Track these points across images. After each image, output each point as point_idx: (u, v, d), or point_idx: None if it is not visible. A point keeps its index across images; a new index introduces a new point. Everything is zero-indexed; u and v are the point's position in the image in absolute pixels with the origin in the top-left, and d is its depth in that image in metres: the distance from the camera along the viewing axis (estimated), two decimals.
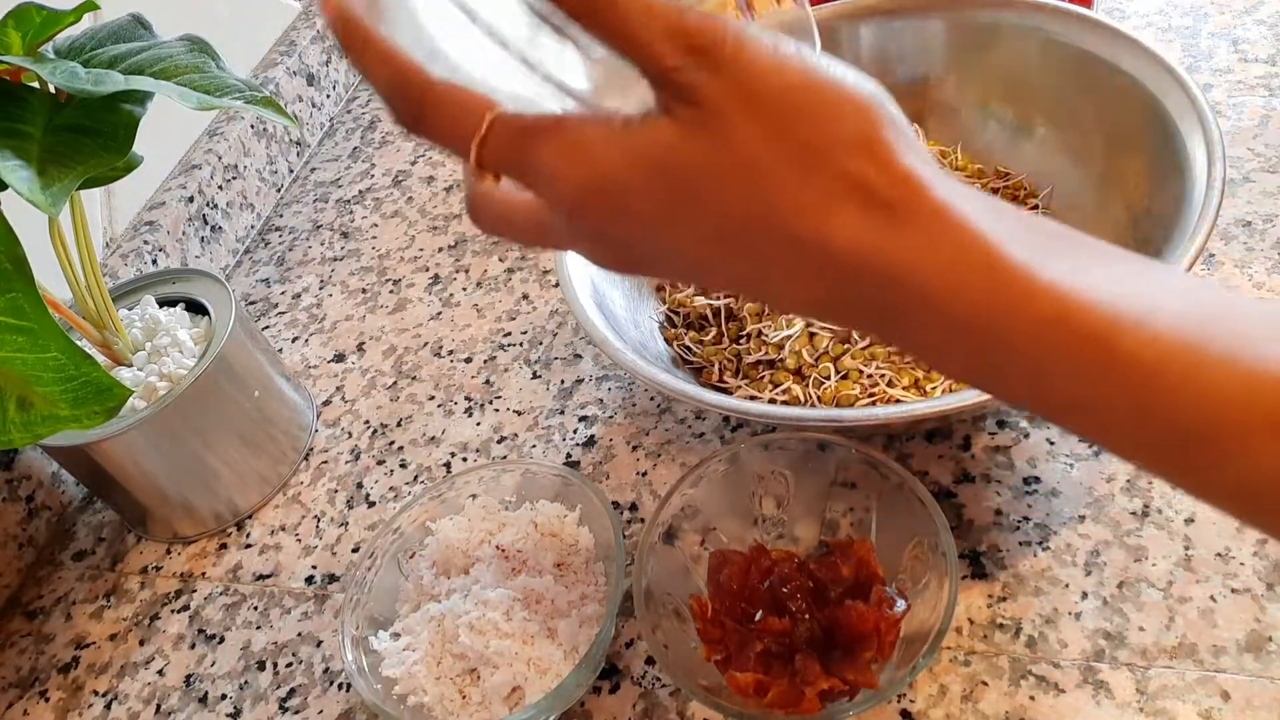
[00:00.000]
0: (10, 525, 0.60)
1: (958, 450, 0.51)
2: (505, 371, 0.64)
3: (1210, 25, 0.71)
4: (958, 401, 0.43)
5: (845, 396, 0.51)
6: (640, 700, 0.46)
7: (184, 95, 0.49)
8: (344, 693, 0.50)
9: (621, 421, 0.58)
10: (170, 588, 0.57)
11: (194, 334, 0.58)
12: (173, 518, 0.58)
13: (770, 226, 0.26)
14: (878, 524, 0.46)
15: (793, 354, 0.52)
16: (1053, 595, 0.45)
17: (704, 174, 0.26)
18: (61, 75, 0.47)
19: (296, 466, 0.61)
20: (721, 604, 0.44)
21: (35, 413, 0.45)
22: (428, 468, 0.59)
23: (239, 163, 0.81)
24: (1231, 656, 0.41)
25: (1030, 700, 0.42)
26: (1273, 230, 0.57)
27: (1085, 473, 0.49)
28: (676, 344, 0.56)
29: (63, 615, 0.58)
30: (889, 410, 0.44)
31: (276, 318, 0.74)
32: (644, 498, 0.54)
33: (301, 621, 0.53)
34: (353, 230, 0.80)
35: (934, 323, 0.26)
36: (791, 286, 0.27)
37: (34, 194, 0.44)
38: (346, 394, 0.66)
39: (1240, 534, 0.45)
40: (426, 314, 0.70)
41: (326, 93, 0.94)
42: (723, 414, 0.56)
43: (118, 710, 0.52)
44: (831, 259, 0.26)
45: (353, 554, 0.56)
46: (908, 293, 0.26)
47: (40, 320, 0.43)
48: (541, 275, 0.70)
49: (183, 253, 0.75)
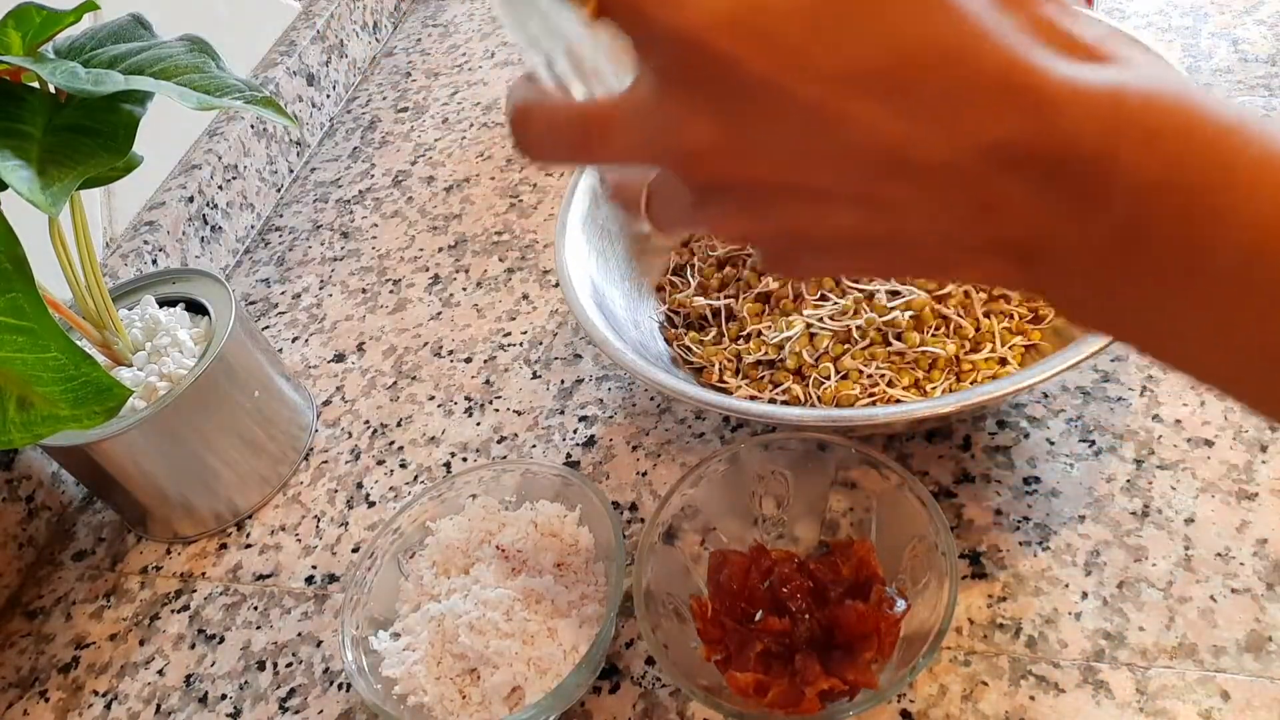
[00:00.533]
0: (10, 525, 0.60)
1: (958, 450, 0.51)
2: (505, 371, 0.64)
3: (1210, 25, 0.72)
4: (958, 401, 0.43)
5: (845, 396, 0.51)
6: (640, 700, 0.46)
7: (184, 95, 0.49)
8: (344, 693, 0.50)
9: (621, 421, 0.58)
10: (170, 588, 0.57)
11: (194, 334, 0.58)
12: (173, 518, 0.58)
13: (957, 52, 0.21)
14: (878, 524, 0.46)
15: (793, 354, 0.52)
16: (1053, 595, 0.45)
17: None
18: (61, 75, 0.47)
19: (296, 466, 0.61)
20: (721, 604, 0.44)
21: (35, 413, 0.45)
22: (428, 468, 0.59)
23: (239, 163, 0.81)
24: (1231, 656, 0.41)
25: (1030, 700, 0.42)
26: None
27: (1085, 473, 0.49)
28: (676, 344, 0.56)
29: (63, 615, 0.58)
30: (889, 410, 0.44)
31: (276, 318, 0.74)
32: (644, 498, 0.54)
33: (301, 621, 0.53)
34: (353, 230, 0.80)
35: (1227, 230, 0.20)
36: (963, 138, 0.22)
37: (34, 194, 0.44)
38: (346, 394, 0.66)
39: (1240, 534, 0.45)
40: (426, 314, 0.70)
41: (326, 93, 0.94)
42: (723, 414, 0.56)
43: (118, 710, 0.52)
44: (1047, 101, 0.21)
45: (353, 554, 0.56)
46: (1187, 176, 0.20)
47: (40, 320, 0.43)
48: (541, 275, 0.70)
49: (183, 253, 0.75)
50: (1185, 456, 0.48)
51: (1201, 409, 0.50)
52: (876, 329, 0.51)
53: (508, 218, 0.76)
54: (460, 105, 0.91)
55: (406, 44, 1.03)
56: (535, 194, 0.77)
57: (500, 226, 0.75)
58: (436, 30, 1.04)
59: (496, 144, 0.84)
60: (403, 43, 1.04)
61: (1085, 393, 0.52)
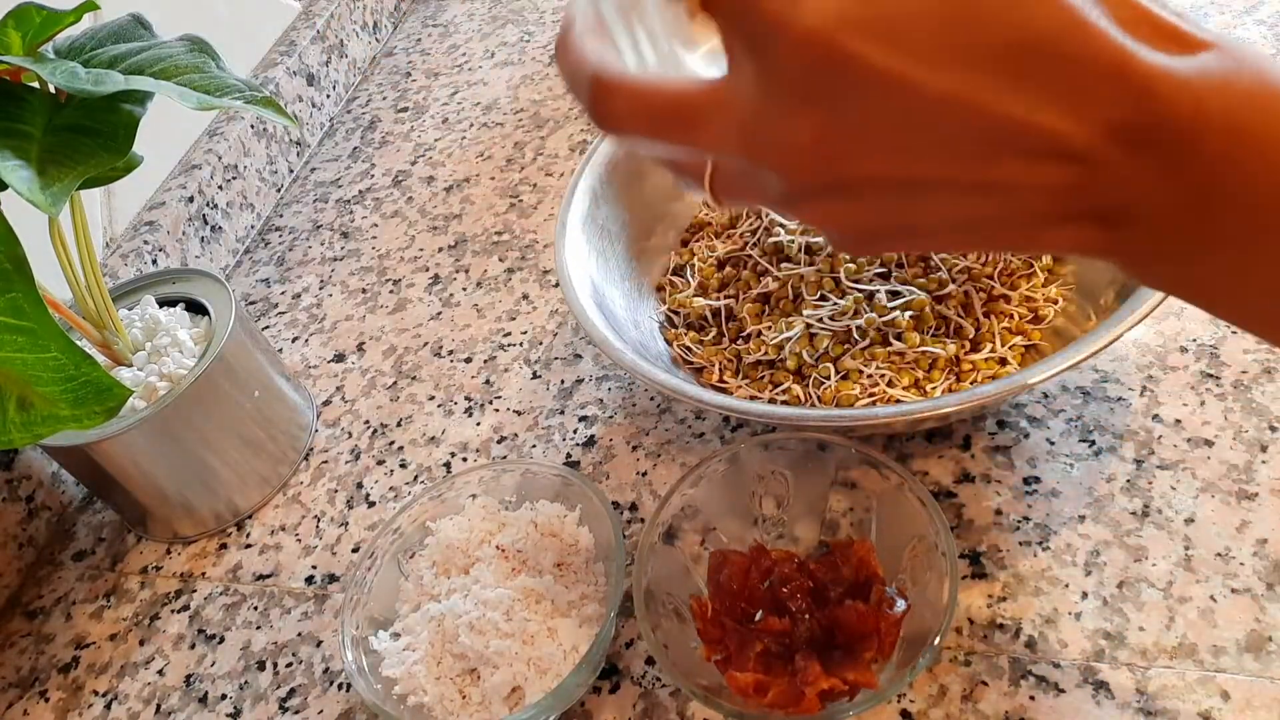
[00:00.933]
0: (10, 525, 0.60)
1: (958, 450, 0.51)
2: (505, 371, 0.64)
3: (1210, 25, 0.71)
4: (958, 401, 0.43)
5: (845, 396, 0.51)
6: (640, 700, 0.46)
7: (184, 95, 0.49)
8: (344, 693, 0.50)
9: (621, 421, 0.58)
10: (170, 588, 0.57)
11: (194, 334, 0.58)
12: (173, 518, 0.58)
13: (1071, 41, 0.23)
14: (878, 524, 0.46)
15: (793, 355, 0.52)
16: (1053, 595, 0.45)
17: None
18: (61, 75, 0.47)
19: (296, 466, 0.62)
20: (721, 604, 0.44)
21: (35, 413, 0.45)
22: (428, 468, 0.59)
23: (239, 163, 0.81)
24: (1231, 656, 0.41)
25: (1030, 700, 0.42)
26: None
27: (1085, 473, 0.49)
28: (677, 344, 0.56)
29: (63, 615, 0.58)
30: (889, 410, 0.44)
31: (276, 318, 0.74)
32: (644, 498, 0.54)
33: (301, 621, 0.53)
34: (353, 230, 0.80)
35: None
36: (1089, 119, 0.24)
37: (34, 194, 0.44)
38: (346, 394, 0.66)
39: (1240, 534, 0.45)
40: (426, 314, 0.70)
41: (326, 93, 0.94)
42: (723, 414, 0.56)
43: (118, 710, 0.52)
44: (1148, 82, 0.23)
45: (353, 554, 0.56)
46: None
47: (40, 320, 0.43)
48: (541, 275, 0.70)
49: (183, 253, 0.75)
50: (1185, 456, 0.48)
51: (1201, 409, 0.50)
52: (876, 329, 0.51)
53: (508, 218, 0.76)
54: (460, 105, 0.91)
55: (406, 44, 1.03)
56: (535, 194, 0.77)
57: (500, 226, 0.75)
58: (436, 30, 1.04)
59: (496, 144, 0.84)
60: (403, 43, 1.04)
61: (1085, 393, 0.52)
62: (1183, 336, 0.53)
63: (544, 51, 0.95)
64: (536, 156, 0.81)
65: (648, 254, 0.60)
